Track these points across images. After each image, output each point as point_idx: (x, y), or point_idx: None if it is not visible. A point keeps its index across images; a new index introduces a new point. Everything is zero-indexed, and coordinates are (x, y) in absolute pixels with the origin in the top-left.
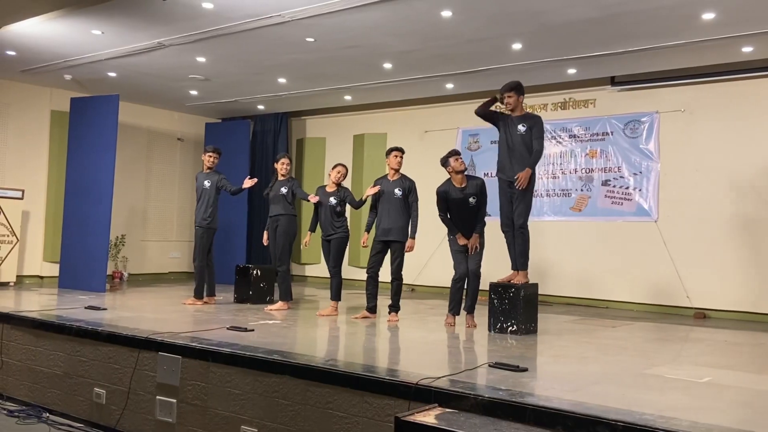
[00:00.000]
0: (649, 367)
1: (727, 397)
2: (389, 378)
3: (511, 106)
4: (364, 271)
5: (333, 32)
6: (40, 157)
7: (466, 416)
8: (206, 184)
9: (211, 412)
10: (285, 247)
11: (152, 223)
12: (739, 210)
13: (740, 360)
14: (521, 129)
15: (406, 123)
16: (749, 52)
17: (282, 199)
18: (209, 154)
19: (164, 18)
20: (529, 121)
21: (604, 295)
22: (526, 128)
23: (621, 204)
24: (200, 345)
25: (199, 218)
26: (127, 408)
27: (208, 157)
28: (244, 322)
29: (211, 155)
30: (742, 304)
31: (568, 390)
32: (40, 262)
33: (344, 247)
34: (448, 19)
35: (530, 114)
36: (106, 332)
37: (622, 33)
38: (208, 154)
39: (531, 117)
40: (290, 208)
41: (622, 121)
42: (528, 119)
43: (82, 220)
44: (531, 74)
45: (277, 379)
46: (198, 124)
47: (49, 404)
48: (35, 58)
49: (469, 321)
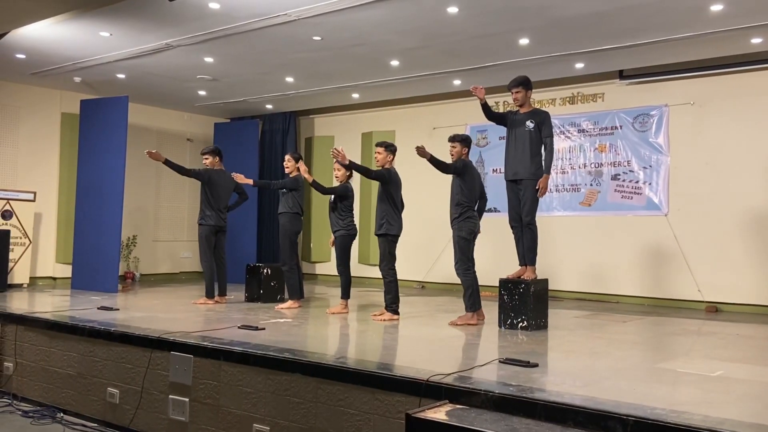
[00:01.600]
0: (660, 361)
1: (739, 390)
2: (400, 375)
3: (519, 101)
4: (374, 268)
5: (339, 30)
6: (52, 159)
7: (476, 412)
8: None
9: (223, 411)
10: (285, 246)
11: (163, 224)
12: (750, 203)
13: (752, 353)
14: (529, 125)
15: (414, 120)
16: (759, 44)
17: (282, 197)
18: (204, 157)
19: (171, 19)
20: (537, 117)
21: (615, 290)
22: (534, 125)
23: (631, 198)
24: (212, 344)
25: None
26: (140, 407)
27: (204, 160)
28: (255, 321)
29: (206, 158)
30: (754, 298)
31: (579, 385)
32: (52, 264)
33: (345, 244)
34: (454, 15)
35: (538, 110)
36: (119, 332)
37: (630, 26)
38: (204, 157)
39: (539, 113)
40: (290, 205)
41: (631, 114)
42: (536, 115)
43: (93, 221)
44: (539, 69)
45: (288, 377)
46: (207, 124)
47: (63, 404)
48: (45, 60)
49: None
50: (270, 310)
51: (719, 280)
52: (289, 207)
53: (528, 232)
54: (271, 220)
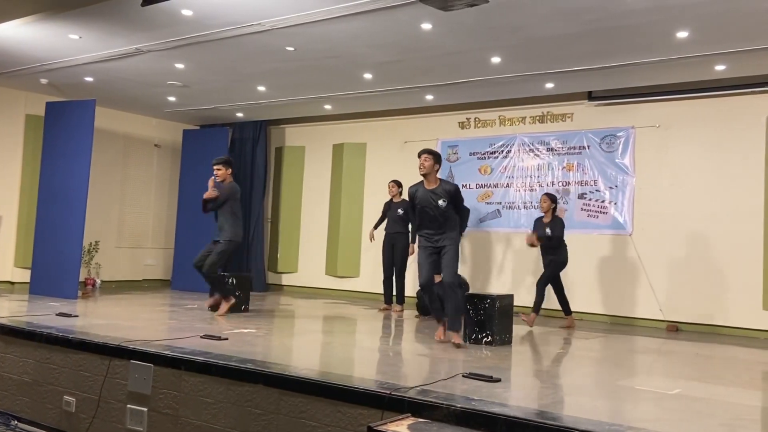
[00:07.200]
0: (621, 378)
1: (695, 408)
2: (363, 388)
3: (425, 170)
4: (343, 280)
5: (313, 42)
6: (14, 161)
7: (438, 426)
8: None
9: (182, 421)
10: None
11: (127, 230)
12: (711, 225)
13: (710, 372)
14: (441, 204)
15: (386, 133)
16: (722, 71)
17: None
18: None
19: (143, 24)
20: (444, 190)
21: (579, 307)
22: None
23: (597, 217)
24: (173, 353)
25: None
26: (97, 416)
27: (217, 170)
28: (218, 331)
29: (219, 168)
30: (713, 318)
31: (541, 401)
32: (11, 268)
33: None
34: (428, 31)
35: (445, 182)
36: (77, 339)
37: (599, 49)
38: (216, 167)
39: (446, 185)
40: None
41: (599, 135)
42: (443, 188)
43: (55, 225)
44: (510, 87)
45: (250, 388)
46: (176, 130)
47: (18, 412)
48: (11, 61)
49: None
50: (234, 319)
51: (680, 300)
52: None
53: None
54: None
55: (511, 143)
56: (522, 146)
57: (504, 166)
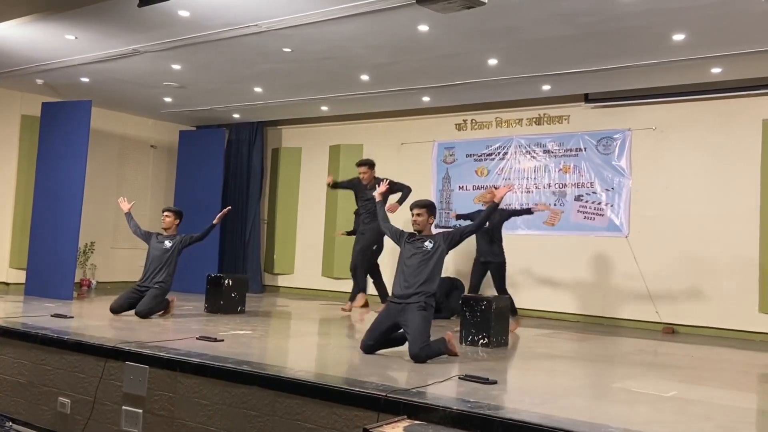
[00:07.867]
0: (616, 380)
1: (691, 411)
2: (358, 389)
3: (418, 226)
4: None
5: (310, 43)
6: (10, 161)
7: (434, 428)
8: (167, 245)
9: (178, 423)
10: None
11: (123, 231)
12: (706, 227)
13: (706, 375)
14: (428, 246)
15: (383, 135)
16: (718, 73)
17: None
18: (165, 214)
19: (140, 25)
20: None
21: (575, 309)
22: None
23: (593, 219)
24: (168, 355)
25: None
26: (92, 418)
27: (165, 218)
28: (214, 332)
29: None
30: (709, 320)
31: (537, 403)
32: (6, 269)
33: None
34: (425, 33)
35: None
36: (73, 341)
37: (596, 51)
38: (165, 214)
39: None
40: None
41: (595, 137)
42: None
43: (50, 226)
44: (506, 89)
45: (245, 389)
46: (172, 131)
47: (12, 413)
48: (6, 61)
49: None
50: (230, 321)
51: (676, 302)
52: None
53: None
54: (234, 230)
55: (507, 145)
56: (519, 148)
57: (501, 168)
